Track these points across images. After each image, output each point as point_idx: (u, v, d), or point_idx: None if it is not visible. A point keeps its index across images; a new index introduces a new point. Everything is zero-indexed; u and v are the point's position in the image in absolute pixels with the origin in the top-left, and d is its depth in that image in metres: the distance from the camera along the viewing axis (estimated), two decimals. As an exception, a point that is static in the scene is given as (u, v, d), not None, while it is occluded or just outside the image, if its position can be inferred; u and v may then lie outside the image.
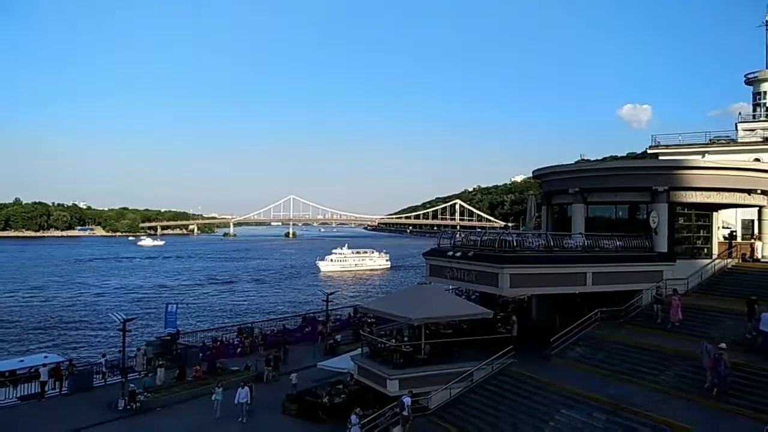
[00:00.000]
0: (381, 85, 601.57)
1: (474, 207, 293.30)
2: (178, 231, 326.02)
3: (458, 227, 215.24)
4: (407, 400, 21.61)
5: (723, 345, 20.29)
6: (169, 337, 37.48)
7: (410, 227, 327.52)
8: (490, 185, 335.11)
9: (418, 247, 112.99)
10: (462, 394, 23.94)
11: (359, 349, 27.81)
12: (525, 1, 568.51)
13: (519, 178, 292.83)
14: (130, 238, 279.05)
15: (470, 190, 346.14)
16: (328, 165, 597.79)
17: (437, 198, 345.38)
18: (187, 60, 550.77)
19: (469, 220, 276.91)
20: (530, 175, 41.77)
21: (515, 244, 28.40)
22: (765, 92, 49.04)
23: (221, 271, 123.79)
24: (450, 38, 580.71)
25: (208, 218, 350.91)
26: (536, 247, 28.84)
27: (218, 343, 39.29)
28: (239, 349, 38.46)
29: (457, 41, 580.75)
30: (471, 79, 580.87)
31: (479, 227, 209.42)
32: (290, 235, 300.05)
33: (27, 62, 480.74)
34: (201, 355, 36.16)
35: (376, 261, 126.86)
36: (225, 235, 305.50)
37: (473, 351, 25.41)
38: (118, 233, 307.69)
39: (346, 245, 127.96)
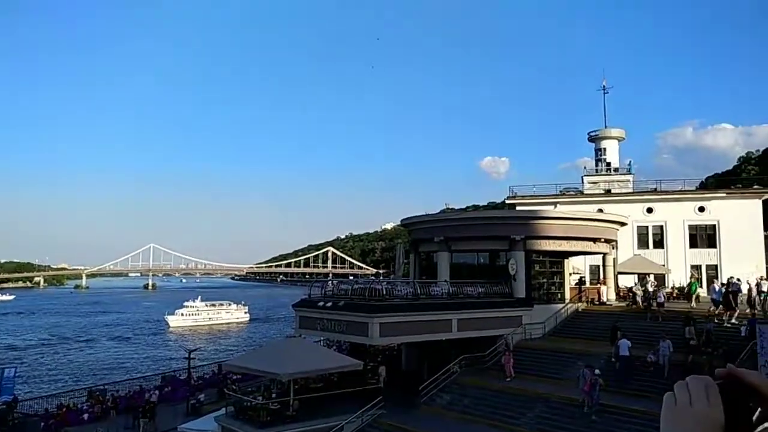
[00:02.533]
0: (249, 132, 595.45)
1: (346, 254, 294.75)
2: (20, 284, 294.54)
3: (331, 275, 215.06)
4: None
5: (597, 371, 22.12)
6: (4, 407, 33.16)
7: (281, 276, 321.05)
8: (362, 233, 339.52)
9: (289, 297, 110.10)
10: (332, 451, 23.20)
11: (224, 409, 26.23)
12: (396, 53, 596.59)
13: (389, 226, 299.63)
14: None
15: (342, 237, 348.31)
16: (191, 212, 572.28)
17: (309, 246, 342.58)
18: (34, 92, 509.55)
19: (341, 268, 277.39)
20: (399, 223, 42.83)
21: (384, 292, 28.64)
22: (605, 149, 54.47)
23: (71, 328, 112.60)
24: (320, 87, 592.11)
25: (56, 269, 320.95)
26: (405, 295, 29.28)
27: (64, 409, 35.34)
28: (87, 415, 34.78)
29: (329, 91, 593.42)
30: (341, 128, 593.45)
31: (352, 274, 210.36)
32: (150, 287, 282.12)
33: None
34: (43, 424, 32.34)
35: (234, 314, 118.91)
36: (76, 287, 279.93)
37: (343, 404, 24.86)
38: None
39: (199, 297, 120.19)
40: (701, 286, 32.50)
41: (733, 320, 26.80)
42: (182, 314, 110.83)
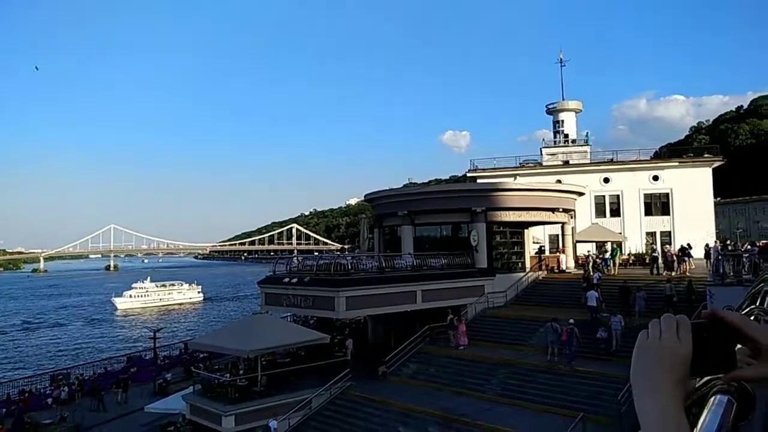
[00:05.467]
0: (209, 109, 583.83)
1: (311, 231, 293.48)
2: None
3: (296, 251, 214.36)
4: (273, 424, 21.43)
5: (572, 321, 23.55)
6: (-38, 395, 32.48)
7: (245, 254, 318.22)
8: (326, 209, 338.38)
9: (253, 275, 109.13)
10: (301, 423, 23.53)
11: (191, 387, 26.28)
12: (367, 35, 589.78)
13: (353, 201, 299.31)
14: None
15: (307, 213, 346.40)
16: (152, 191, 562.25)
17: (273, 222, 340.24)
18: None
19: (306, 244, 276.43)
20: (363, 198, 42.99)
21: (350, 267, 28.91)
22: (563, 121, 55.26)
23: (30, 313, 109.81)
24: (285, 63, 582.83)
25: (12, 253, 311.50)
26: (370, 269, 29.58)
27: (26, 394, 34.79)
28: (51, 399, 34.31)
29: (295, 67, 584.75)
30: (304, 105, 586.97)
31: (316, 250, 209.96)
32: (111, 268, 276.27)
33: None
34: (5, 410, 31.80)
35: (186, 294, 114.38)
36: (34, 271, 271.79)
37: (311, 377, 25.19)
38: None
39: (149, 278, 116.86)
40: (654, 252, 33.81)
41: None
42: (131, 296, 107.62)
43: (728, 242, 31.97)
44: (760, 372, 1.04)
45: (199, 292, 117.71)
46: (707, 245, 33.65)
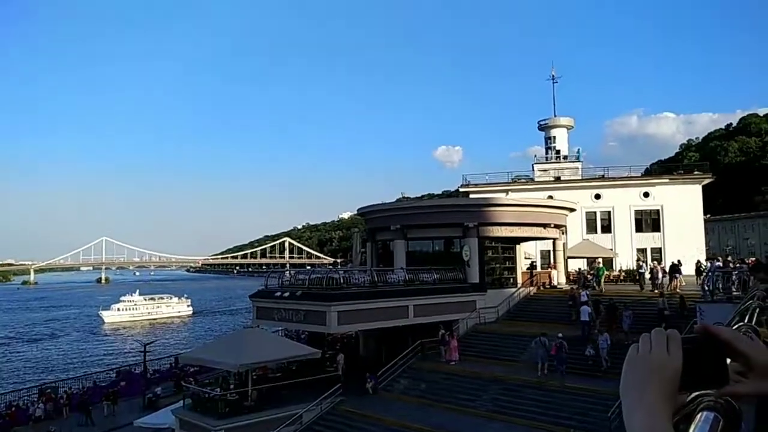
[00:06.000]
0: (201, 121, 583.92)
1: (303, 244, 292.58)
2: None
3: (288, 265, 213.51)
4: None
5: (560, 335, 23.74)
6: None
7: (237, 267, 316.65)
8: (319, 222, 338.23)
9: (244, 288, 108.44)
10: (291, 438, 23.43)
11: (181, 402, 26.12)
12: (358, 46, 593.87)
13: (346, 215, 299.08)
14: None
15: (299, 227, 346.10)
16: (144, 203, 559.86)
17: (265, 236, 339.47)
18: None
19: (299, 258, 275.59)
20: (356, 212, 43.12)
21: (342, 281, 28.93)
22: (555, 137, 55.74)
23: (20, 325, 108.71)
24: (277, 74, 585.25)
25: (2, 265, 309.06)
26: (362, 283, 29.62)
27: (13, 408, 34.40)
28: (27, 416, 33.83)
29: (288, 77, 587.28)
30: (296, 116, 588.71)
31: (309, 264, 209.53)
32: (102, 281, 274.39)
33: None
34: (-10, 424, 31.40)
35: (175, 308, 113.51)
36: (24, 283, 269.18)
37: (302, 392, 25.09)
38: None
39: (137, 291, 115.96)
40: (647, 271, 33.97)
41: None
42: (118, 309, 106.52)
43: (729, 258, 32.07)
44: (752, 388, 1.04)
45: (188, 306, 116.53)
46: (698, 261, 33.96)
